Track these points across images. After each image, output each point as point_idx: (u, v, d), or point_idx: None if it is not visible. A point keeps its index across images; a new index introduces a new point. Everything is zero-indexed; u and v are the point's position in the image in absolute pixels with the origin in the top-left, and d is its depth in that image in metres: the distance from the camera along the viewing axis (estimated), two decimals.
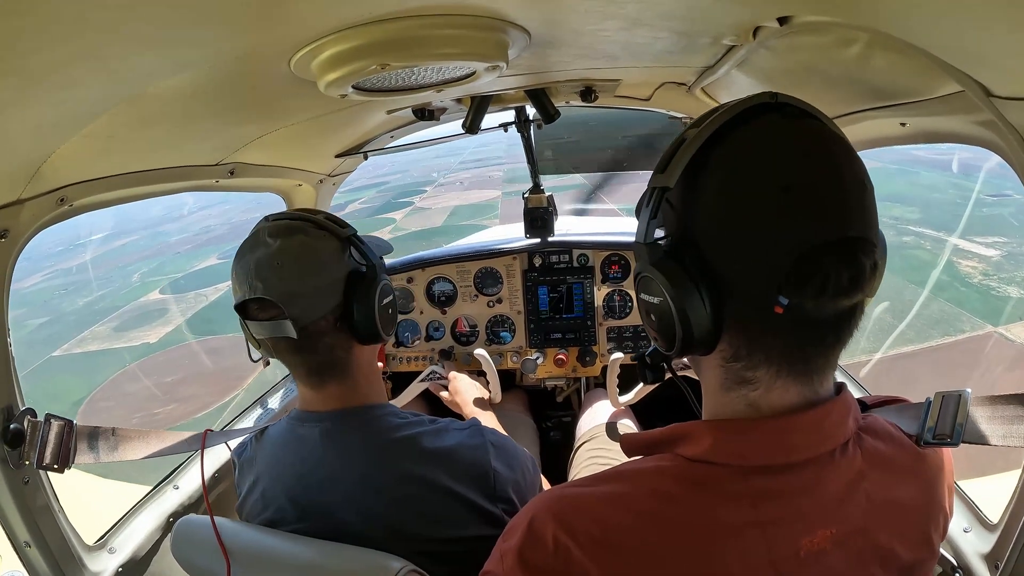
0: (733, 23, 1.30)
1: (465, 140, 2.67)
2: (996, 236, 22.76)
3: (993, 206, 24.43)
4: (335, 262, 1.47)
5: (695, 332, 0.90)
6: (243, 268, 1.40)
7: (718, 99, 2.11)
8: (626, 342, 3.13)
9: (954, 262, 21.26)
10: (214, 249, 41.60)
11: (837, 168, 0.85)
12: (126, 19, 0.86)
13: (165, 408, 19.25)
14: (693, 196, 0.91)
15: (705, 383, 1.02)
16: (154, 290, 35.60)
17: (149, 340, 27.13)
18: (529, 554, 0.93)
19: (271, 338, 1.42)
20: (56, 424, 1.46)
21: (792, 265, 0.82)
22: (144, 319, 30.40)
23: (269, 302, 1.38)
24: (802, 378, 0.92)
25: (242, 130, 1.79)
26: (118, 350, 26.29)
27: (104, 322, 30.13)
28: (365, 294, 1.46)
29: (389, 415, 1.50)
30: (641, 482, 0.96)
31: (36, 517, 1.46)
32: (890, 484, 0.98)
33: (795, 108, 0.90)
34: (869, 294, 0.88)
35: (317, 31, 1.12)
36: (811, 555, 0.90)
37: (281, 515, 1.45)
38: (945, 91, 1.20)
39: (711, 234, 0.89)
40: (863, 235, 0.84)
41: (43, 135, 1.21)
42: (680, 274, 0.89)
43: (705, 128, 0.89)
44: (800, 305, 0.83)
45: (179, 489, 2.00)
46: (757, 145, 0.87)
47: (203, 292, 34.10)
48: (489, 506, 1.44)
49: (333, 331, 1.46)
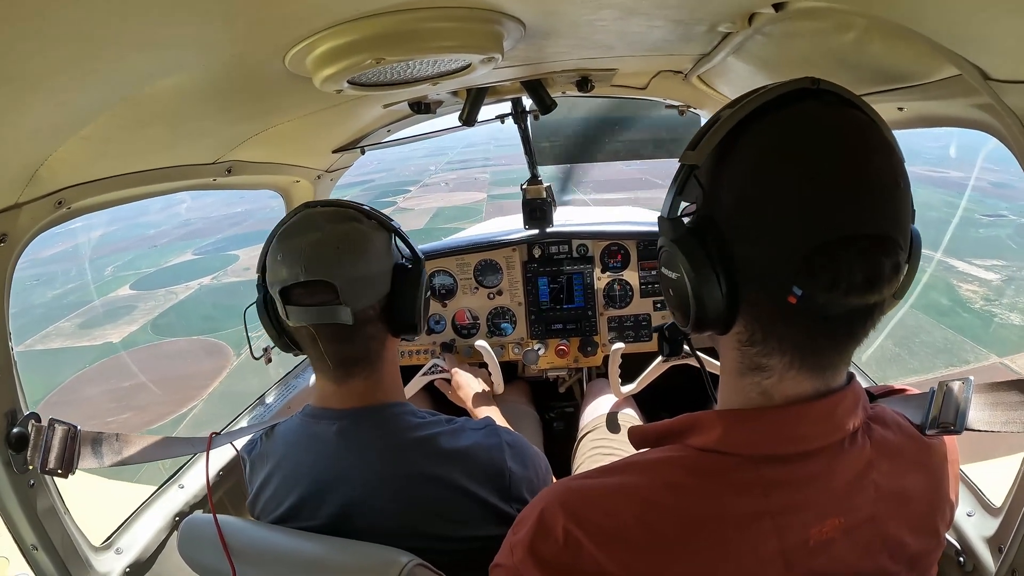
0: (728, 10, 1.30)
1: (451, 140, 2.70)
2: (995, 259, 22.71)
3: (990, 227, 24.36)
4: (386, 253, 1.48)
5: (709, 310, 0.91)
6: (292, 250, 1.39)
7: (715, 87, 2.11)
8: (627, 331, 3.13)
9: (955, 286, 21.19)
10: (191, 244, 41.40)
11: (868, 162, 0.84)
12: (120, 21, 0.86)
13: (120, 417, 18.82)
14: (720, 175, 0.90)
15: (723, 366, 1.02)
16: (124, 285, 35.32)
17: (112, 339, 26.88)
18: (539, 546, 0.93)
19: (314, 325, 1.41)
20: (60, 428, 1.45)
21: (806, 256, 0.81)
22: (110, 316, 30.12)
23: (319, 286, 1.37)
24: (815, 371, 0.92)
25: (239, 128, 1.78)
26: (80, 349, 26.12)
27: (70, 317, 29.92)
28: (413, 286, 1.49)
29: (407, 414, 1.50)
30: (651, 473, 0.96)
31: (42, 520, 1.47)
32: (898, 474, 0.98)
33: (835, 96, 0.88)
34: (892, 295, 0.87)
35: (311, 27, 1.12)
36: (820, 544, 0.91)
37: (295, 512, 1.45)
38: (942, 75, 1.20)
39: (734, 215, 0.89)
40: (888, 234, 0.83)
41: (40, 138, 1.21)
42: (699, 252, 0.89)
43: (740, 109, 0.88)
44: (812, 298, 0.82)
45: (184, 488, 2.00)
46: (789, 131, 0.86)
47: (173, 290, 33.89)
48: (504, 506, 1.44)
49: (375, 321, 1.46)
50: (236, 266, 39.09)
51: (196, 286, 35.32)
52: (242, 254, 40.30)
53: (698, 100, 2.54)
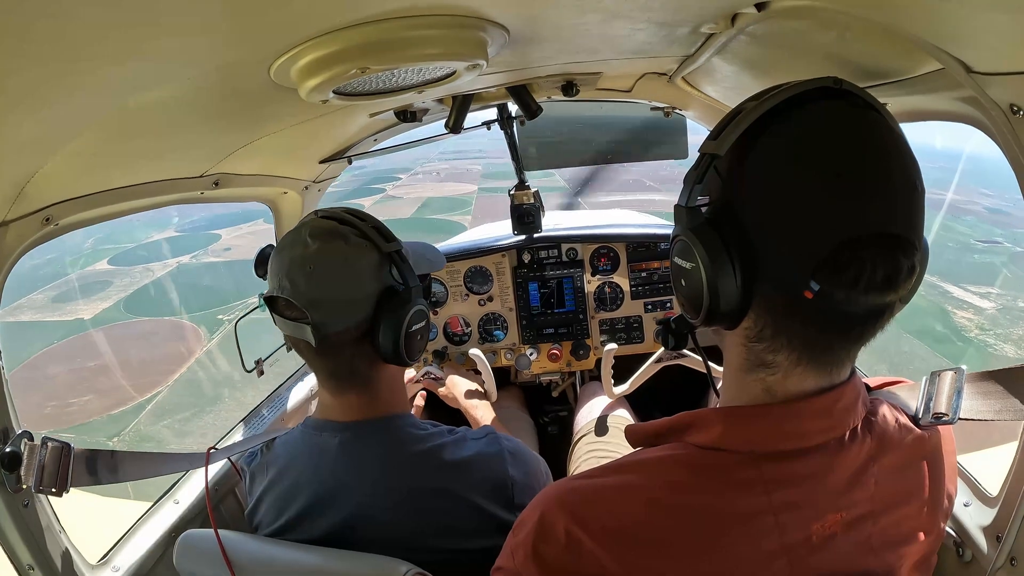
0: (711, 11, 1.30)
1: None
2: (989, 287, 22.70)
3: (984, 252, 24.40)
4: (370, 277, 1.42)
5: (722, 303, 0.90)
6: (279, 264, 1.39)
7: (700, 88, 2.12)
8: (619, 333, 3.14)
9: (949, 312, 21.17)
10: (173, 220, 40.69)
11: (889, 163, 0.84)
12: (103, 35, 0.86)
13: (81, 399, 18.36)
14: (741, 167, 0.90)
15: (727, 362, 1.02)
16: (103, 259, 34.72)
17: (84, 316, 26.36)
18: (541, 548, 0.93)
19: (290, 338, 1.44)
20: (53, 447, 1.44)
21: (831, 251, 0.81)
22: (84, 291, 29.47)
23: (293, 303, 1.37)
24: (821, 368, 0.92)
25: (225, 140, 1.78)
26: (51, 323, 25.74)
27: (44, 289, 29.44)
28: (394, 315, 1.42)
29: (409, 426, 1.49)
30: (652, 471, 0.96)
31: (38, 540, 1.45)
32: (897, 467, 0.98)
33: (857, 98, 0.89)
34: (903, 296, 0.88)
35: (295, 38, 1.12)
36: (822, 540, 0.91)
37: (295, 524, 1.45)
38: (926, 69, 1.21)
39: (753, 208, 0.89)
40: (906, 235, 0.83)
41: (26, 155, 1.20)
42: (716, 242, 0.89)
43: (764, 103, 0.88)
44: (831, 294, 0.82)
45: (179, 503, 1.99)
46: (814, 127, 0.87)
47: (151, 267, 33.29)
48: (507, 515, 1.44)
49: (355, 344, 1.43)
50: (216, 246, 38.83)
51: (175, 264, 35.01)
52: (224, 234, 39.95)
53: (683, 102, 2.54)
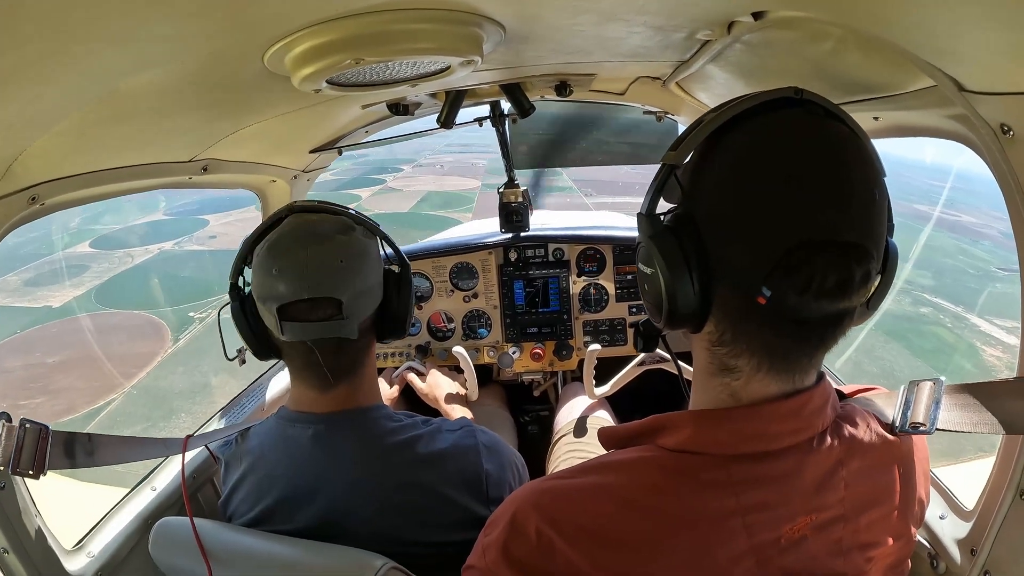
0: (708, 18, 1.31)
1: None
2: (1015, 320, 22.65)
3: (1005, 281, 24.40)
4: (378, 261, 1.46)
5: (680, 307, 0.92)
6: (293, 265, 1.34)
7: (693, 94, 2.12)
8: (602, 335, 3.14)
9: (978, 349, 21.13)
10: (162, 202, 39.97)
11: (846, 171, 0.86)
12: (95, 15, 0.85)
13: (32, 402, 17.52)
14: (699, 176, 0.92)
15: (695, 366, 1.04)
16: (86, 241, 33.84)
17: (52, 303, 25.54)
18: (512, 547, 0.93)
19: (315, 340, 1.37)
20: (31, 428, 1.43)
21: (782, 256, 0.82)
22: (59, 275, 28.18)
23: (323, 302, 1.35)
24: (783, 374, 0.93)
25: (215, 126, 1.76)
26: (17, 309, 24.85)
27: (18, 271, 28.36)
28: (403, 291, 1.47)
29: (383, 418, 1.48)
30: (624, 472, 0.97)
31: (14, 523, 1.44)
32: (867, 472, 0.99)
33: (818, 107, 0.90)
34: (871, 302, 0.90)
35: (291, 26, 1.11)
36: (791, 542, 0.92)
37: (269, 515, 1.44)
38: (918, 86, 1.22)
39: (710, 214, 0.90)
40: (860, 243, 0.84)
41: (13, 133, 1.19)
42: (674, 249, 0.90)
43: (723, 113, 0.90)
44: (783, 299, 0.84)
45: (156, 491, 1.98)
46: (769, 135, 0.88)
47: (132, 252, 32.45)
48: (481, 508, 1.43)
49: (368, 331, 1.45)
50: (202, 233, 38.07)
51: (156, 250, 34.25)
52: (212, 220, 39.27)
53: (676, 107, 2.55)
